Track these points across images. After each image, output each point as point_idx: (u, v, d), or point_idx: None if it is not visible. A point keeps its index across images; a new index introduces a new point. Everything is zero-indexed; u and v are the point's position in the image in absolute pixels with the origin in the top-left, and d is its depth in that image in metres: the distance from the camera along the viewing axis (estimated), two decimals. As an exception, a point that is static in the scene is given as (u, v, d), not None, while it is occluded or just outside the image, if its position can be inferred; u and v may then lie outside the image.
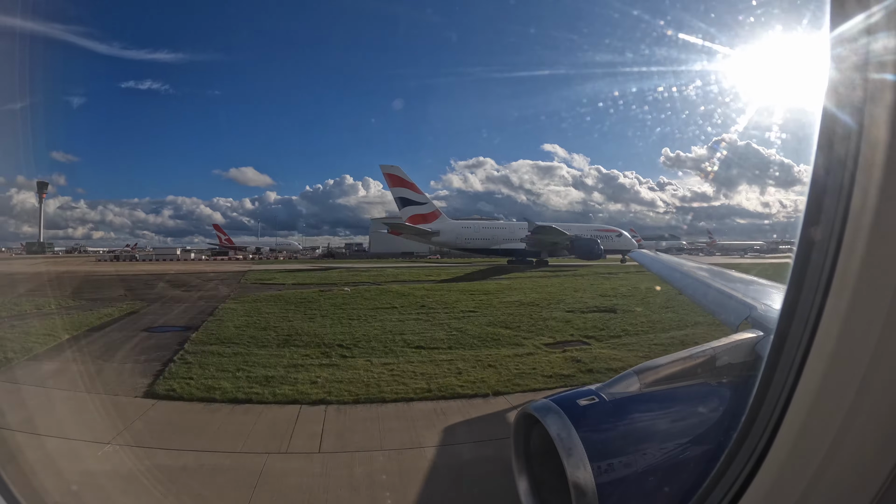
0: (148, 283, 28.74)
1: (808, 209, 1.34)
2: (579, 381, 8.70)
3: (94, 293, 22.48)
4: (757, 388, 1.51)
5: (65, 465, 4.82)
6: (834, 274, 1.24)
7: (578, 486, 1.76)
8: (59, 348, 11.34)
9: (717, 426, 2.01)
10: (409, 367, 9.78)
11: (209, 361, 10.15)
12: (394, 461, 5.87)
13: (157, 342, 12.25)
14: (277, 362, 10.16)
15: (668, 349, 8.44)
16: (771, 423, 1.42)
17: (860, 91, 1.20)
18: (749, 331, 2.59)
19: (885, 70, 1.16)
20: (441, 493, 5.34)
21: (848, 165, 1.22)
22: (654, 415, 2.12)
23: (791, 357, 1.37)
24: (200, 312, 16.86)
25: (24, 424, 5.80)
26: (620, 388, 2.13)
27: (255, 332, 13.37)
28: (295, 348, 11.50)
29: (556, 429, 1.89)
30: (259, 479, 5.35)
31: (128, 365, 10.09)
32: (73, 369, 9.82)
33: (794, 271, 1.38)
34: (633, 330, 13.39)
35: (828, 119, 1.28)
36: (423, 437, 6.60)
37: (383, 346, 11.68)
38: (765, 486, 1.44)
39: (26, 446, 4.59)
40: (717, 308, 3.73)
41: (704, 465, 1.81)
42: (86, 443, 5.95)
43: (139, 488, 4.81)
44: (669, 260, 7.26)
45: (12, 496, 2.21)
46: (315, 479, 5.45)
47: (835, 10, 1.24)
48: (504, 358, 10.48)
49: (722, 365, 2.31)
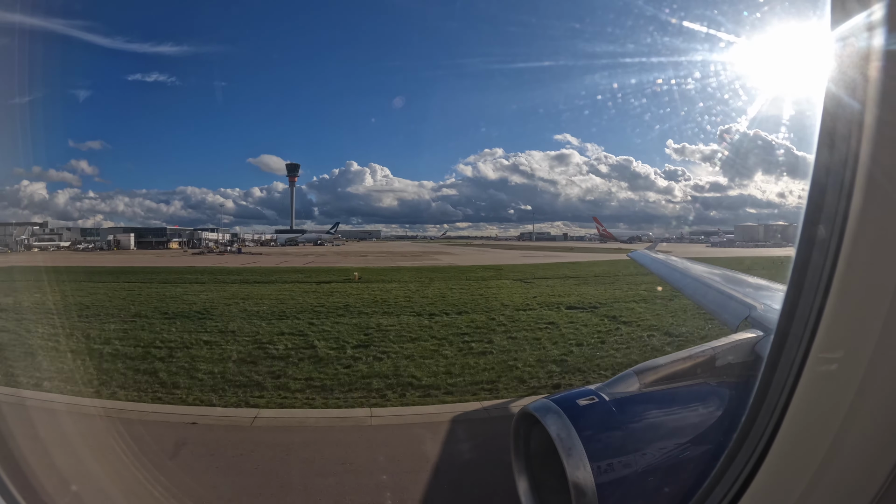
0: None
1: (808, 208, 1.33)
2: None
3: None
4: (757, 388, 1.51)
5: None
6: (834, 274, 1.24)
7: (578, 486, 1.76)
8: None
9: (717, 426, 2.01)
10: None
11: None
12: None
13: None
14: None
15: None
16: (771, 423, 1.41)
17: (861, 89, 1.20)
18: (749, 331, 2.58)
19: (886, 68, 1.16)
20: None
21: (849, 165, 1.21)
22: (653, 415, 2.12)
23: (791, 357, 1.37)
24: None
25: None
26: (620, 387, 2.13)
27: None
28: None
29: (555, 429, 1.89)
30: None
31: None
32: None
33: (794, 271, 1.38)
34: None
35: (828, 118, 1.27)
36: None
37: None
38: (765, 486, 1.43)
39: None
40: (716, 308, 3.73)
41: (704, 465, 1.81)
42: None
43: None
44: (669, 260, 7.25)
45: (12, 496, 2.20)
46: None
47: (836, 7, 1.23)
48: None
49: (722, 365, 2.30)
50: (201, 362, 10.22)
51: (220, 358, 10.64)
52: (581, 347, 11.50)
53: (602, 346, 11.70)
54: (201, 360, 10.43)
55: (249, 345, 11.81)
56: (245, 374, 9.47)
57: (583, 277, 27.80)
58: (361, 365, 10.08)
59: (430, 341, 12.17)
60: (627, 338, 12.52)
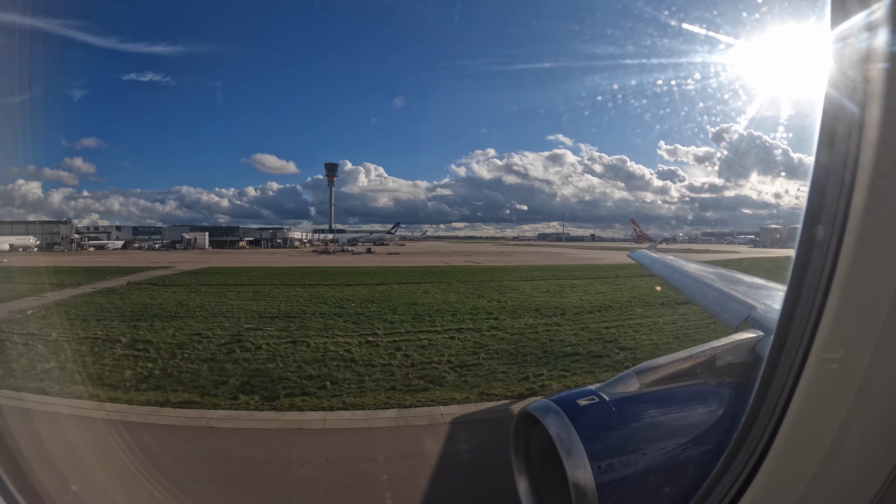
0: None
1: (808, 209, 1.33)
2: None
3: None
4: (757, 388, 1.51)
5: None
6: (834, 274, 1.24)
7: (578, 486, 1.76)
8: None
9: (717, 426, 2.00)
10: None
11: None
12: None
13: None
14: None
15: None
16: (771, 423, 1.41)
17: (861, 89, 1.19)
18: (749, 331, 2.58)
19: (886, 69, 1.16)
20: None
21: (849, 165, 1.21)
22: (653, 415, 2.12)
23: (791, 357, 1.36)
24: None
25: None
26: (620, 388, 2.13)
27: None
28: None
29: (556, 429, 1.89)
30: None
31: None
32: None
33: (794, 271, 1.37)
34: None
35: (828, 118, 1.27)
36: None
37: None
38: (765, 486, 1.43)
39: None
40: (717, 308, 3.73)
41: (704, 465, 1.80)
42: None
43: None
44: (669, 260, 7.25)
45: (12, 496, 2.20)
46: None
47: (836, 7, 1.23)
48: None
49: (722, 365, 2.30)
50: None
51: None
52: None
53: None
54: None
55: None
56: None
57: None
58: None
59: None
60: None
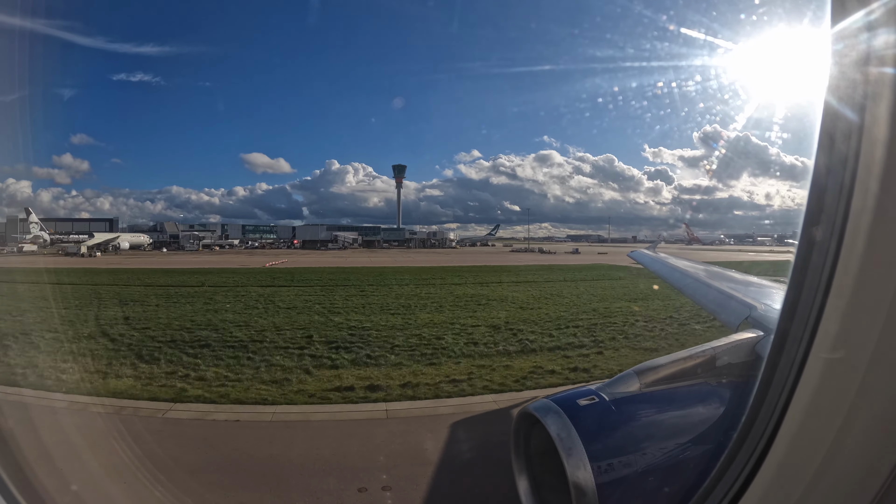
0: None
1: (808, 209, 1.33)
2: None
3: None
4: (757, 388, 1.51)
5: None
6: (834, 274, 1.24)
7: (578, 485, 1.76)
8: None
9: (717, 426, 2.00)
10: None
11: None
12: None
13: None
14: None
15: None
16: (771, 423, 1.41)
17: (861, 89, 1.19)
18: (749, 331, 2.58)
19: (886, 68, 1.15)
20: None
21: (849, 165, 1.20)
22: (653, 415, 2.12)
23: (791, 357, 1.36)
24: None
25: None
26: (620, 387, 2.13)
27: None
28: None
29: (556, 429, 1.89)
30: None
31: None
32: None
33: (794, 271, 1.37)
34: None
35: (829, 119, 1.27)
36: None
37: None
38: (765, 486, 1.43)
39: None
40: (717, 308, 3.73)
41: (704, 465, 1.80)
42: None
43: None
44: (669, 260, 7.25)
45: (12, 496, 2.20)
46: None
47: (835, 7, 1.23)
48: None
49: (722, 365, 2.30)
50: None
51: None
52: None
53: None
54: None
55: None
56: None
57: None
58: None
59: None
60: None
